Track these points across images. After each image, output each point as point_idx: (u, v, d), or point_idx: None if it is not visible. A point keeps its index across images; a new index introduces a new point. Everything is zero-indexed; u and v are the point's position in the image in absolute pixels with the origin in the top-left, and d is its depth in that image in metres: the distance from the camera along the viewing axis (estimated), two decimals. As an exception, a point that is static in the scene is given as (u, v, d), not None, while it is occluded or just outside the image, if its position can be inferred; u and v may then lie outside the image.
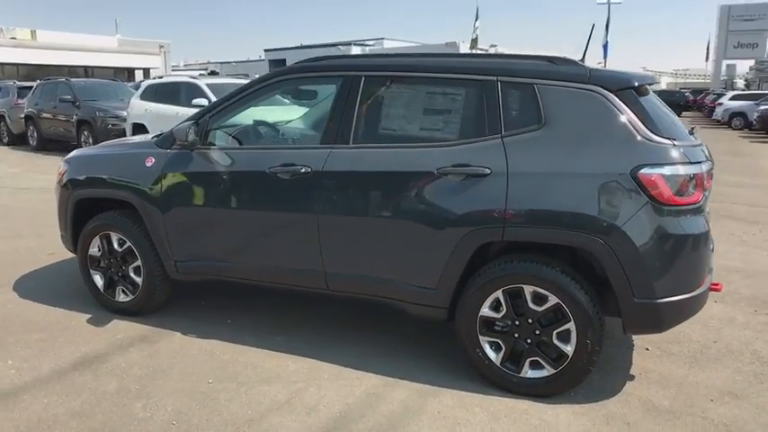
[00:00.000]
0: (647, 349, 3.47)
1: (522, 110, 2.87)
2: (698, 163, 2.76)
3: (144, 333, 3.64)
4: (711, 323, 3.84)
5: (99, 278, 3.95)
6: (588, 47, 3.98)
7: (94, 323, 3.77)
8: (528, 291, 2.84)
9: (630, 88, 2.80)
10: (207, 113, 3.55)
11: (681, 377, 3.16)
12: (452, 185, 2.90)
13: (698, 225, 2.78)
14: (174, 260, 3.65)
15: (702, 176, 2.76)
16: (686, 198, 2.71)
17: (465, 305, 2.96)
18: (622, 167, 2.67)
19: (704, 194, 2.80)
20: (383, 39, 46.23)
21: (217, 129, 3.56)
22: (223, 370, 3.18)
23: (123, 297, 3.89)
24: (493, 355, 2.97)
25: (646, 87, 2.92)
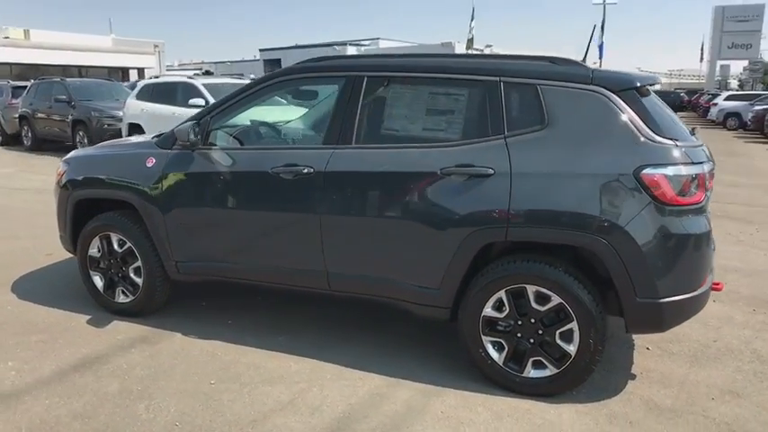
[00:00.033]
0: (648, 348, 3.49)
1: (526, 110, 2.88)
2: (700, 163, 2.77)
3: (144, 334, 3.63)
4: (711, 322, 3.86)
5: (99, 279, 3.93)
6: (589, 47, 4.00)
7: (94, 324, 3.76)
8: (531, 291, 2.85)
9: (633, 89, 2.81)
10: (208, 114, 3.54)
11: (682, 376, 3.18)
12: (456, 186, 2.90)
13: (700, 225, 2.80)
14: (175, 261, 3.64)
15: (704, 176, 2.78)
16: (688, 198, 2.72)
17: (468, 305, 2.96)
18: (625, 168, 2.68)
19: (706, 194, 2.82)
20: (378, 39, 46.28)
21: (218, 129, 3.56)
22: (225, 371, 3.17)
23: (123, 298, 3.88)
24: (496, 355, 2.97)
25: (647, 88, 2.93)
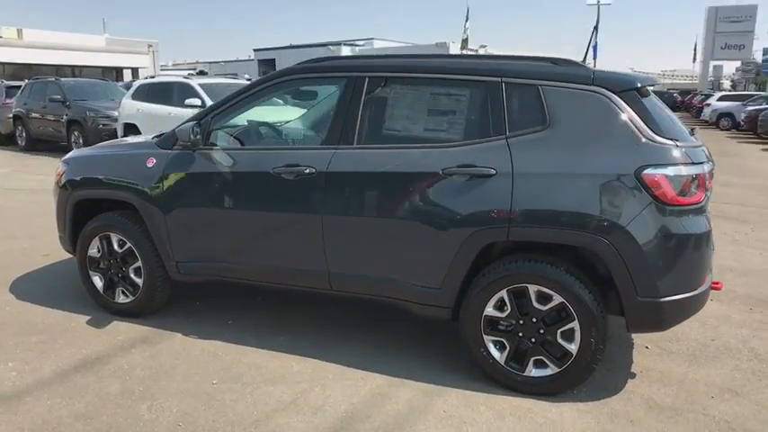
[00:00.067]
0: (647, 347, 3.51)
1: (527, 111, 2.89)
2: (700, 163, 2.80)
3: (145, 334, 3.62)
4: (709, 321, 3.89)
5: (98, 279, 3.92)
6: (589, 48, 4.02)
7: (94, 325, 3.75)
8: (532, 290, 2.86)
9: (633, 89, 2.84)
10: (209, 114, 3.54)
11: (681, 375, 3.20)
12: (457, 186, 2.91)
13: (700, 225, 2.82)
14: (176, 261, 3.63)
15: (704, 177, 2.80)
16: (689, 198, 2.74)
17: (469, 305, 2.98)
18: (626, 168, 2.70)
19: (706, 194, 2.84)
20: (373, 39, 46.19)
21: (219, 129, 3.56)
22: (227, 371, 3.17)
23: (123, 298, 3.87)
24: (497, 355, 2.99)
25: (647, 89, 2.96)
